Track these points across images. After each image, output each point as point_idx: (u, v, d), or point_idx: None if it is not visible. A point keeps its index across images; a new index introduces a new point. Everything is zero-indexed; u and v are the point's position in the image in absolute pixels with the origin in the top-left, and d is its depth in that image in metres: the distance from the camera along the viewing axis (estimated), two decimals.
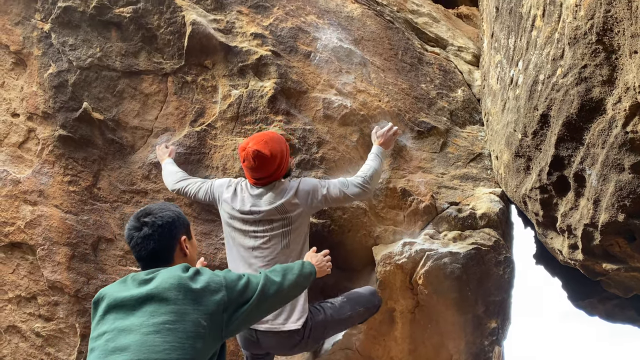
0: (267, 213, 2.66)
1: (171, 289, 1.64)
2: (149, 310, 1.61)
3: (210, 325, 1.65)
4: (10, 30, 3.34)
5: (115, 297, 1.68)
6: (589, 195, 2.21)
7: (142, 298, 1.64)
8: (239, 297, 1.76)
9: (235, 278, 1.80)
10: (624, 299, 3.56)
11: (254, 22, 3.25)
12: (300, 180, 2.75)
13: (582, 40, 1.92)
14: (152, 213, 1.84)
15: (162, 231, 1.82)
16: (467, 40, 3.90)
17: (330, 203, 2.77)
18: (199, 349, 1.59)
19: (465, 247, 3.09)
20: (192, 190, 2.92)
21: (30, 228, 3.31)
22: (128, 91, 3.29)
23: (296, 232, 2.69)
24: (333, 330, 2.82)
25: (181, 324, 1.59)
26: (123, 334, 1.58)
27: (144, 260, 1.82)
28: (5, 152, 3.39)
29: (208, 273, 1.75)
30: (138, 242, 1.81)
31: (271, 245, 2.66)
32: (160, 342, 1.55)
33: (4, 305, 3.41)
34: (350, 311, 2.81)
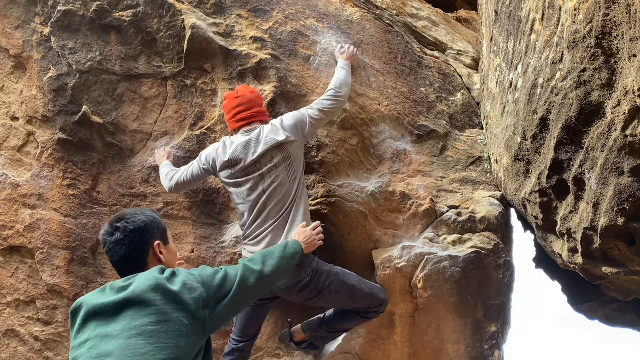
0: (265, 153, 2.72)
1: (149, 290, 1.63)
2: (130, 314, 1.61)
3: (192, 323, 1.64)
4: (10, 34, 3.35)
5: (94, 304, 1.67)
6: (588, 199, 2.21)
7: (121, 303, 1.63)
8: (218, 292, 1.76)
9: (212, 273, 1.79)
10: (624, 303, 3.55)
11: (253, 26, 3.25)
12: (281, 118, 2.83)
13: (581, 44, 1.92)
14: (124, 218, 1.84)
15: (134, 236, 1.81)
16: (466, 44, 3.91)
17: (316, 126, 2.86)
18: (184, 347, 1.59)
19: (465, 251, 3.09)
20: (186, 177, 2.93)
21: (30, 232, 3.31)
22: (128, 95, 3.29)
23: (296, 163, 2.76)
24: (334, 289, 2.75)
25: (163, 324, 1.59)
26: (106, 340, 1.57)
27: (118, 265, 1.82)
28: (4, 156, 3.39)
29: (184, 273, 1.74)
30: (110, 247, 1.81)
31: (281, 181, 2.71)
32: (143, 345, 1.54)
33: (3, 309, 3.40)
34: (356, 283, 2.82)
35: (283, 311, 3.28)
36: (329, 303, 2.86)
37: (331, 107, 2.85)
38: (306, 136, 2.83)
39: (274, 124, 2.79)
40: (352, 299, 2.83)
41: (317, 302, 2.81)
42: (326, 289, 2.73)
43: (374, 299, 2.88)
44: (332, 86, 2.92)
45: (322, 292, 2.73)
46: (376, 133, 3.25)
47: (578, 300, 3.83)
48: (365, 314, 2.92)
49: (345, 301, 2.84)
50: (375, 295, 2.88)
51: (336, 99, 2.87)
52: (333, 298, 2.78)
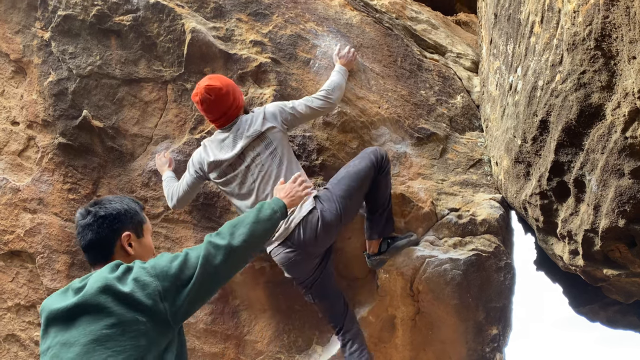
0: (248, 145, 2.73)
1: (98, 293, 1.55)
2: (85, 319, 1.54)
3: (151, 319, 1.56)
4: (10, 39, 3.35)
5: (51, 309, 1.60)
6: (589, 201, 2.21)
7: (73, 308, 1.56)
8: (177, 280, 1.62)
9: (167, 262, 1.65)
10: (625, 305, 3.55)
11: (253, 30, 3.26)
12: (265, 107, 2.84)
13: (580, 46, 1.92)
14: (99, 203, 1.79)
15: (102, 222, 1.74)
16: (466, 46, 3.91)
17: (299, 119, 2.86)
18: (145, 345, 1.52)
19: (466, 254, 3.08)
20: (185, 190, 2.92)
21: (30, 236, 3.31)
22: (128, 99, 3.29)
23: (281, 148, 2.76)
24: (345, 184, 2.77)
25: (118, 327, 1.51)
26: (65, 348, 1.52)
27: (84, 250, 1.77)
28: (4, 160, 3.39)
29: (137, 268, 1.63)
30: (79, 230, 1.77)
31: (267, 169, 2.72)
32: (101, 350, 1.48)
33: (3, 314, 3.40)
34: (351, 177, 2.81)
35: (284, 315, 3.28)
36: (351, 204, 2.82)
37: (320, 107, 2.86)
38: (287, 126, 2.83)
39: (255, 112, 2.81)
40: (363, 182, 2.81)
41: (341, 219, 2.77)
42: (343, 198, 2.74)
43: (372, 164, 2.83)
44: (325, 87, 2.94)
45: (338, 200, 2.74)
46: (376, 136, 3.25)
47: (579, 303, 3.83)
48: (379, 172, 2.87)
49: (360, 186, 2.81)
50: (370, 163, 2.83)
51: (327, 100, 2.88)
52: (346, 200, 2.76)
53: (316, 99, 2.87)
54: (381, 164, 2.86)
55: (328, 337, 3.27)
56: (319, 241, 2.72)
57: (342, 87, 2.99)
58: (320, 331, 3.28)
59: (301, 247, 2.72)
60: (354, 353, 2.95)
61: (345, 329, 2.98)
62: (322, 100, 2.87)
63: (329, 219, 2.70)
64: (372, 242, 3.02)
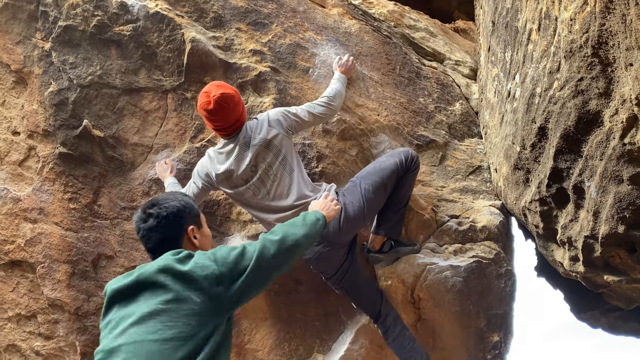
0: (257, 155, 2.70)
1: (157, 272, 1.65)
2: (145, 295, 1.64)
3: (205, 300, 1.64)
4: (11, 50, 3.37)
5: (113, 288, 1.71)
6: (588, 207, 2.22)
7: (133, 285, 1.66)
8: (234, 268, 1.73)
9: (226, 251, 1.77)
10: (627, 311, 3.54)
11: (253, 39, 3.28)
12: (268, 112, 2.81)
13: (577, 53, 1.94)
14: (157, 204, 1.86)
15: (167, 222, 1.82)
16: (464, 54, 3.93)
17: (302, 126, 2.85)
18: (194, 325, 1.60)
19: (466, 260, 3.08)
20: (196, 195, 2.90)
21: (31, 246, 3.31)
22: (128, 108, 3.30)
23: (289, 155, 2.75)
24: (372, 179, 2.79)
25: (173, 303, 1.61)
26: (122, 320, 1.62)
27: (152, 250, 1.83)
28: (5, 170, 3.39)
29: (199, 254, 1.74)
30: (144, 233, 1.83)
31: (280, 177, 2.71)
32: (154, 324, 1.57)
33: (4, 324, 3.39)
34: (379, 177, 2.82)
35: (285, 324, 3.27)
36: (373, 206, 2.83)
37: (322, 114, 2.87)
38: (292, 132, 2.82)
39: (259, 119, 2.77)
40: (382, 177, 2.82)
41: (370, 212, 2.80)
42: (369, 191, 2.76)
43: (400, 164, 2.85)
44: (327, 94, 2.94)
45: (364, 195, 2.76)
46: (375, 143, 3.26)
47: (580, 309, 3.82)
48: (407, 172, 2.88)
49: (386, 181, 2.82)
50: (399, 161, 2.85)
51: (328, 106, 2.89)
52: (371, 201, 2.78)
53: (318, 106, 2.87)
54: (409, 165, 2.88)
55: (329, 345, 3.26)
56: (342, 233, 2.73)
57: (342, 94, 3.00)
58: (321, 339, 3.28)
59: (327, 239, 2.74)
60: (397, 337, 2.92)
61: (384, 315, 2.96)
62: (323, 107, 2.88)
63: (351, 212, 2.72)
64: (377, 237, 3.00)
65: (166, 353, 1.53)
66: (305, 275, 3.19)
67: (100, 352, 1.62)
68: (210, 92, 2.64)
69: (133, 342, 1.55)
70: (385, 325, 2.97)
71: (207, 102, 2.64)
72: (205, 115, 2.69)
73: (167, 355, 1.53)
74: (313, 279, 3.17)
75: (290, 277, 3.22)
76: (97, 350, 1.64)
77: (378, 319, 2.98)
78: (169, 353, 1.53)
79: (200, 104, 2.68)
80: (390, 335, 2.96)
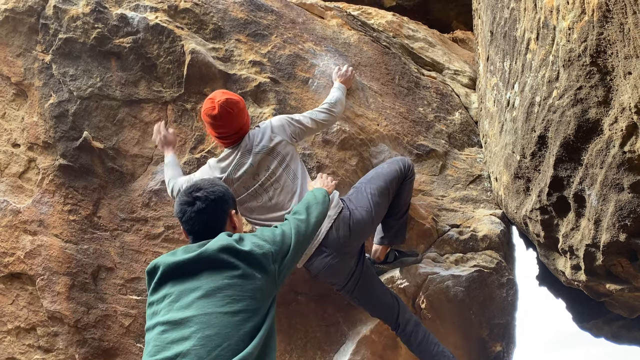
0: (259, 162, 2.68)
1: (219, 251, 1.74)
2: (207, 272, 1.72)
3: (265, 276, 1.76)
4: (11, 62, 3.39)
5: (169, 262, 1.77)
6: (589, 216, 2.21)
7: (195, 260, 1.74)
8: (282, 246, 1.88)
9: (271, 232, 1.92)
10: (630, 320, 3.52)
11: (252, 50, 3.29)
12: (270, 120, 2.80)
13: (576, 62, 1.94)
14: (203, 188, 1.92)
15: (215, 205, 1.90)
16: (463, 63, 3.95)
17: (306, 133, 2.85)
18: (258, 299, 1.71)
19: (468, 270, 3.07)
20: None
21: (30, 258, 3.30)
22: (128, 120, 3.31)
23: (293, 162, 2.74)
24: (376, 184, 2.80)
25: (239, 278, 1.71)
26: (185, 294, 1.69)
27: (197, 233, 1.89)
28: (5, 182, 3.39)
29: (249, 235, 1.86)
30: (192, 216, 1.88)
31: (283, 184, 2.70)
32: (222, 297, 1.66)
33: (3, 337, 3.37)
34: (382, 182, 2.82)
35: (285, 335, 3.25)
36: (379, 207, 2.82)
37: (324, 120, 2.87)
38: (296, 139, 2.81)
39: (261, 127, 2.76)
40: (390, 184, 2.84)
41: (372, 220, 2.79)
42: (368, 201, 2.76)
43: (400, 170, 2.87)
44: (328, 101, 2.95)
45: (364, 207, 2.74)
46: (375, 153, 3.26)
47: (583, 318, 3.79)
48: (405, 179, 2.90)
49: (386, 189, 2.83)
50: (399, 169, 2.87)
51: (330, 113, 2.89)
52: (377, 203, 2.78)
53: (320, 113, 2.87)
54: (407, 173, 2.90)
55: (331, 357, 3.24)
56: (353, 239, 2.69)
57: (342, 101, 3.01)
58: (322, 351, 3.26)
59: (336, 249, 2.67)
60: (422, 343, 2.81)
61: (403, 323, 2.85)
62: (325, 114, 2.88)
63: (360, 217, 2.70)
64: (380, 247, 2.98)
65: (236, 324, 1.63)
66: (304, 285, 3.17)
67: (161, 323, 1.67)
68: (214, 98, 2.63)
69: (204, 314, 1.63)
70: (406, 333, 2.84)
71: (211, 107, 2.61)
72: (209, 121, 2.65)
73: (237, 326, 1.63)
74: (312, 289, 3.16)
75: (289, 287, 3.21)
76: (156, 322, 1.69)
77: (397, 328, 2.86)
78: (238, 324, 1.63)
79: (204, 110, 2.66)
80: (414, 342, 2.83)
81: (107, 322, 3.27)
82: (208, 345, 1.58)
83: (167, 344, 1.62)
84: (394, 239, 2.97)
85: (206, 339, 1.59)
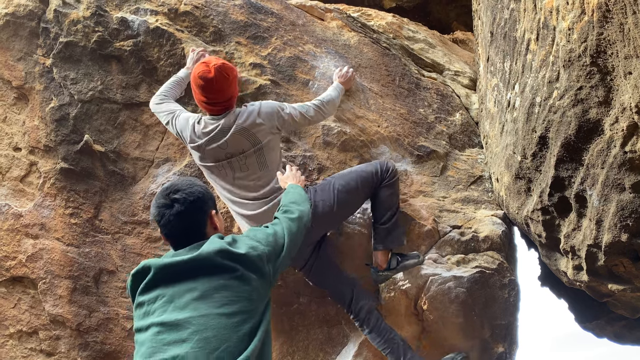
0: (233, 139, 2.64)
1: (215, 254, 1.71)
2: (202, 274, 1.70)
3: (260, 278, 1.75)
4: (12, 66, 3.39)
5: (161, 263, 1.73)
6: (591, 216, 2.21)
7: (189, 262, 1.71)
8: (275, 247, 1.87)
9: (263, 232, 1.91)
10: (632, 320, 3.51)
11: (252, 53, 3.30)
12: (260, 103, 2.75)
13: (576, 62, 1.94)
14: (181, 189, 1.85)
15: (194, 207, 1.84)
16: (463, 64, 3.95)
17: (292, 126, 2.84)
18: (255, 299, 1.71)
19: (469, 271, 3.07)
20: (163, 120, 2.91)
21: (32, 262, 3.30)
22: (129, 123, 3.31)
23: (270, 153, 2.71)
24: (346, 181, 2.79)
25: (235, 280, 1.69)
26: (181, 295, 1.67)
27: (177, 237, 1.84)
28: (7, 186, 3.40)
29: (242, 237, 1.84)
30: (170, 219, 1.82)
31: (249, 169, 2.67)
32: (219, 298, 1.65)
33: (5, 341, 3.38)
34: (353, 179, 2.83)
35: (287, 337, 3.25)
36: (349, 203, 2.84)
37: (313, 117, 2.88)
38: (280, 129, 2.78)
39: (248, 107, 2.72)
40: (357, 181, 2.83)
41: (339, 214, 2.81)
42: (335, 190, 2.75)
43: (375, 173, 2.85)
44: (321, 98, 2.95)
45: (331, 192, 2.74)
46: (376, 154, 3.26)
47: (585, 318, 3.79)
48: (382, 183, 2.87)
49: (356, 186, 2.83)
50: (375, 171, 2.85)
51: (320, 111, 2.90)
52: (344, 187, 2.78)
53: (310, 109, 2.87)
54: (384, 176, 2.87)
55: (333, 359, 3.24)
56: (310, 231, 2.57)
57: (335, 102, 3.02)
58: (324, 352, 3.25)
59: None
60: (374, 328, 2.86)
61: (356, 310, 2.90)
62: (315, 111, 2.89)
63: (321, 210, 2.69)
64: (379, 253, 2.95)
65: (234, 326, 1.62)
66: (305, 287, 3.17)
67: (156, 324, 1.64)
68: (209, 62, 2.57)
69: (201, 316, 1.61)
70: (359, 319, 2.91)
71: (206, 70, 2.54)
72: (201, 84, 2.56)
73: (234, 328, 1.62)
74: (314, 291, 3.16)
75: (291, 289, 3.21)
76: (150, 323, 1.65)
77: (351, 313, 2.93)
78: (235, 326, 1.62)
79: (197, 73, 2.56)
80: (366, 328, 2.90)
81: (109, 326, 3.28)
82: (206, 347, 1.57)
83: (163, 345, 1.59)
84: (389, 243, 2.94)
85: (204, 341, 1.58)
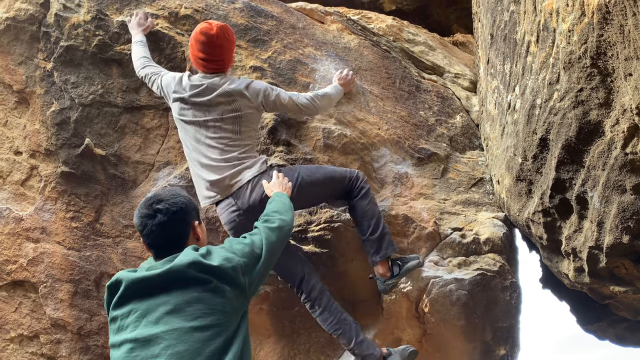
0: (216, 97, 2.64)
1: (187, 267, 1.68)
2: (174, 287, 1.67)
3: (234, 290, 1.72)
4: (13, 70, 3.40)
5: (133, 278, 1.70)
6: (592, 218, 2.21)
7: (162, 276, 1.68)
8: (252, 258, 1.84)
9: (240, 243, 1.88)
10: (634, 322, 3.50)
11: (252, 56, 3.30)
12: (252, 80, 2.77)
13: (576, 64, 1.94)
14: (164, 200, 1.84)
15: (177, 217, 1.83)
16: (463, 67, 3.95)
17: (279, 108, 2.80)
18: (229, 312, 1.68)
19: (471, 273, 3.06)
20: (150, 82, 2.92)
21: (33, 265, 3.30)
22: (129, 126, 3.32)
23: (247, 125, 2.69)
24: (312, 172, 2.76)
25: (208, 293, 1.66)
26: (153, 310, 1.64)
27: (159, 247, 1.82)
28: (8, 190, 3.40)
29: (216, 249, 1.81)
30: (153, 229, 1.80)
31: (223, 132, 2.65)
32: (192, 312, 1.62)
33: (6, 345, 3.37)
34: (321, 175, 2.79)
35: (288, 340, 3.25)
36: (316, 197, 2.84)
37: (302, 106, 2.83)
38: (264, 107, 2.76)
39: (241, 79, 2.74)
40: (328, 179, 2.80)
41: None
42: (300, 177, 2.72)
43: (344, 177, 2.82)
44: (316, 92, 2.94)
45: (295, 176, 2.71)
46: (377, 157, 3.26)
47: (587, 320, 3.78)
48: (352, 191, 2.84)
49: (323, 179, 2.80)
50: (344, 175, 2.83)
51: (313, 104, 2.87)
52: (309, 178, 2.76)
53: (303, 98, 2.85)
54: (355, 184, 2.83)
55: None
56: (260, 208, 2.48)
57: (331, 99, 3.00)
58: (325, 356, 3.25)
59: (243, 208, 2.63)
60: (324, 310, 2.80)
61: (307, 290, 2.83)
62: (307, 101, 2.85)
63: None
64: (378, 265, 2.87)
65: (206, 339, 1.59)
66: None
67: (129, 341, 1.62)
68: (212, 22, 2.64)
69: (173, 330, 1.59)
70: (310, 299, 2.83)
71: (209, 27, 2.61)
72: (202, 40, 2.61)
73: (207, 341, 1.59)
74: None
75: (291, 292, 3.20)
76: (123, 339, 1.64)
77: (301, 294, 2.85)
78: (208, 339, 1.60)
79: (200, 29, 2.62)
80: (318, 307, 2.82)
81: None
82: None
83: None
84: (385, 251, 2.86)
85: (176, 355, 1.55)
